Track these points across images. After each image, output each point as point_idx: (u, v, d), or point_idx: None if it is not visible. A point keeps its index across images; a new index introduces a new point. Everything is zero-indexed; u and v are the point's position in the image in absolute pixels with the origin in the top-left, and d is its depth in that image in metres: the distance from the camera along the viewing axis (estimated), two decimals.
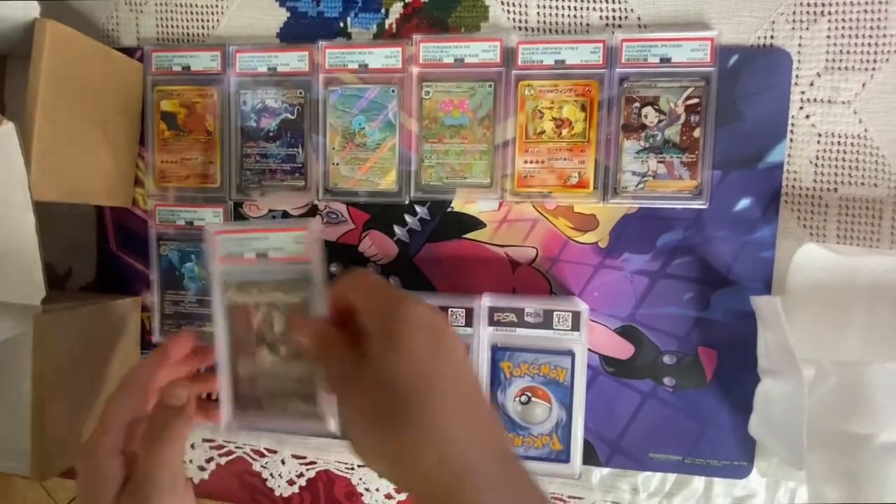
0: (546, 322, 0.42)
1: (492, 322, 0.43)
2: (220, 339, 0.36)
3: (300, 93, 0.49)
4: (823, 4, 0.43)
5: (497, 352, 0.43)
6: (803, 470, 0.40)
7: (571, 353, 0.42)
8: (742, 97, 0.44)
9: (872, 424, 0.38)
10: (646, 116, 0.44)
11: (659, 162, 0.45)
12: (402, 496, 0.52)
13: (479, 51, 0.45)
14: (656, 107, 0.44)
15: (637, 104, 0.44)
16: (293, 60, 0.48)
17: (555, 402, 0.43)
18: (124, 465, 0.34)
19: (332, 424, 0.34)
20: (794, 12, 0.43)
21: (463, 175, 0.47)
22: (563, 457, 0.43)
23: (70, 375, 0.44)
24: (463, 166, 0.47)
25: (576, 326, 0.42)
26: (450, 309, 0.43)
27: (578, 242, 0.47)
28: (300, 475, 0.53)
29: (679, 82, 0.44)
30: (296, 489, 0.53)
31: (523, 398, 0.43)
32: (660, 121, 0.44)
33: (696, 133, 0.44)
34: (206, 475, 0.54)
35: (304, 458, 0.52)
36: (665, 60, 0.44)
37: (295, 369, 0.35)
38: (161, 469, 0.33)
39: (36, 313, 0.41)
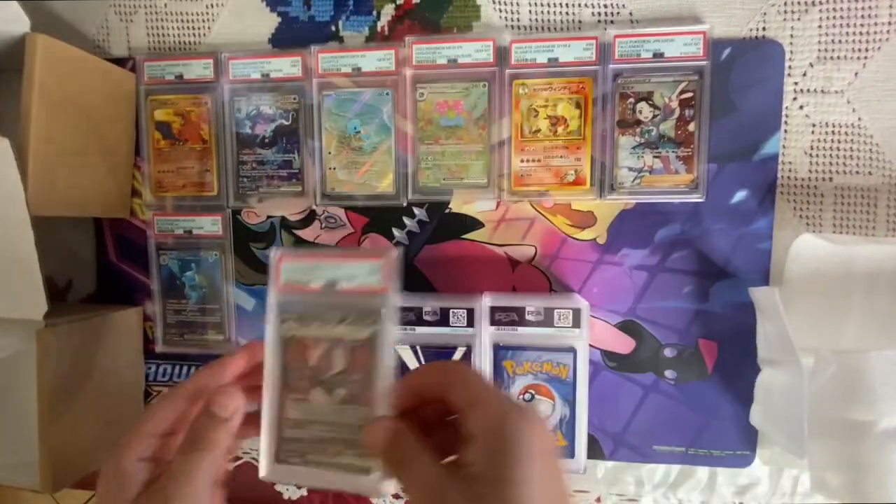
0: (547, 320, 0.42)
1: (493, 322, 0.42)
2: (270, 374, 0.32)
3: (294, 98, 0.48)
4: None
5: (500, 351, 0.43)
6: (805, 458, 0.39)
7: (573, 350, 0.42)
8: (736, 90, 0.43)
9: (872, 411, 0.38)
10: (640, 112, 0.44)
11: (655, 157, 0.44)
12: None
13: (472, 51, 0.45)
14: (651, 102, 0.44)
15: (631, 100, 0.44)
16: (286, 66, 0.47)
17: (558, 398, 0.42)
18: (150, 471, 0.31)
19: (385, 485, 0.30)
20: (785, 3, 0.42)
21: (460, 176, 0.46)
22: (568, 452, 0.42)
23: (75, 387, 0.44)
24: (460, 167, 0.46)
25: (576, 323, 0.42)
26: (451, 310, 0.42)
27: (577, 239, 0.46)
28: None
29: (672, 77, 0.43)
30: (304, 492, 0.53)
31: (527, 396, 0.42)
32: (654, 116, 0.44)
33: (691, 127, 0.43)
34: None
35: None
36: (658, 55, 0.43)
37: (350, 415, 0.31)
38: (188, 476, 0.30)
39: (38, 328, 0.40)
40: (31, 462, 0.42)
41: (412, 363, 0.43)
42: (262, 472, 0.32)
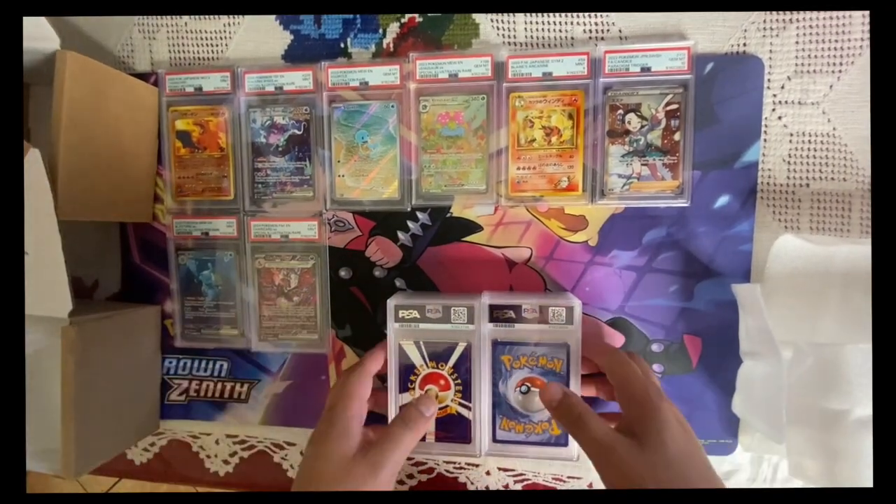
0: (542, 317, 0.42)
1: (492, 319, 0.43)
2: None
3: (306, 110, 0.48)
4: (792, 12, 0.43)
5: (498, 346, 0.43)
6: (783, 444, 0.40)
7: (566, 346, 0.42)
8: (718, 102, 0.44)
9: (847, 401, 0.39)
10: (629, 122, 0.45)
11: (643, 164, 0.45)
12: (413, 481, 0.52)
13: (471, 66, 0.45)
14: (638, 113, 0.44)
15: (621, 111, 0.44)
16: (298, 80, 0.48)
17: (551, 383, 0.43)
18: (361, 431, 0.40)
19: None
20: (764, 21, 0.43)
21: (460, 183, 0.47)
22: (562, 440, 0.43)
23: (96, 380, 0.45)
24: (460, 174, 0.47)
25: (570, 320, 0.42)
26: (452, 307, 0.43)
27: (570, 242, 0.47)
28: None
29: (659, 89, 0.44)
30: None
31: (523, 388, 0.43)
32: (642, 126, 0.44)
33: (677, 136, 0.44)
34: (230, 468, 0.54)
35: None
36: (645, 69, 0.44)
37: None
38: (401, 447, 0.39)
39: (64, 325, 0.41)
40: (54, 450, 0.43)
41: (416, 358, 0.43)
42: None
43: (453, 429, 0.43)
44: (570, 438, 0.43)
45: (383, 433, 0.39)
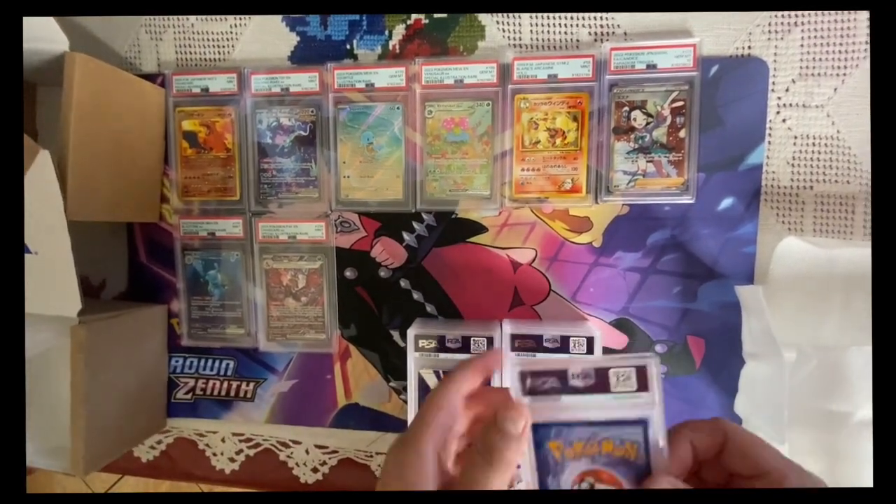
0: (600, 383, 0.27)
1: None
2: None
3: (312, 111, 0.49)
4: (797, 15, 0.43)
5: (540, 430, 0.28)
6: (784, 444, 0.40)
7: (643, 422, 0.27)
8: (723, 104, 0.44)
9: (849, 403, 0.39)
10: (635, 119, 0.45)
11: (648, 161, 0.45)
12: None
13: (477, 72, 0.46)
14: (644, 110, 0.44)
15: (626, 108, 0.45)
16: (304, 81, 0.48)
17: (627, 485, 0.29)
18: (439, 462, 0.29)
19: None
20: (769, 24, 0.43)
21: (465, 188, 0.47)
22: None
23: (104, 379, 0.45)
24: (464, 179, 0.47)
25: (643, 385, 0.27)
26: (472, 338, 0.42)
27: (574, 243, 0.47)
28: (323, 463, 0.53)
29: (664, 87, 0.44)
30: (319, 476, 0.54)
31: (584, 485, 0.29)
32: (647, 123, 0.45)
33: (682, 133, 0.44)
34: (236, 466, 0.55)
35: (327, 447, 0.53)
36: (651, 67, 0.44)
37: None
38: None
39: (73, 325, 0.42)
40: (64, 447, 0.43)
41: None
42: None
43: None
44: None
45: (461, 474, 0.28)
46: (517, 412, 0.28)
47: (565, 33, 0.46)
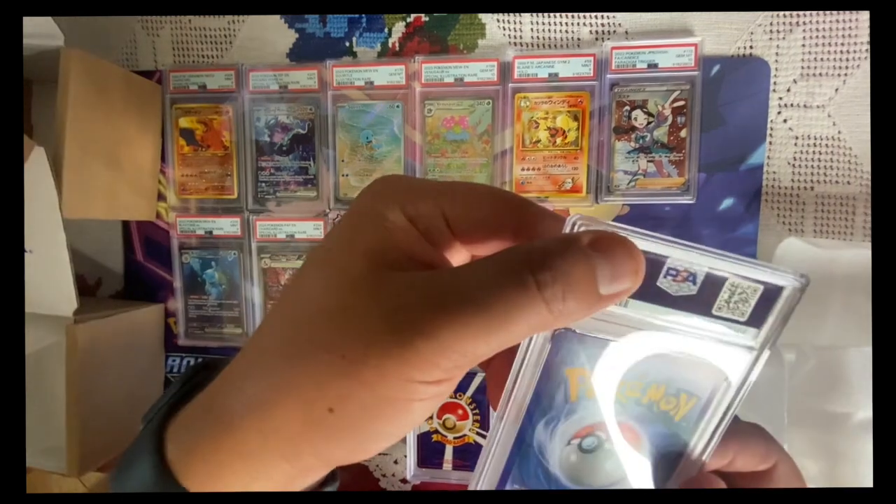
0: (702, 296, 0.17)
1: None
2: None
3: (310, 109, 0.48)
4: (798, 15, 0.43)
5: (563, 348, 0.18)
6: (785, 445, 0.40)
7: (724, 378, 0.19)
8: (724, 104, 0.44)
9: (849, 404, 0.39)
10: (635, 119, 0.45)
11: (649, 161, 0.45)
12: (417, 481, 0.52)
13: (477, 70, 0.45)
14: (645, 110, 0.44)
15: (627, 108, 0.45)
16: (303, 78, 0.48)
17: (649, 446, 0.20)
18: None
19: None
20: (771, 23, 0.43)
21: None
22: None
23: (100, 378, 0.45)
24: (464, 179, 0.47)
25: (759, 318, 0.18)
26: None
27: None
28: None
29: (666, 86, 0.44)
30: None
31: (588, 442, 0.20)
32: (648, 123, 0.44)
33: (683, 133, 0.44)
34: None
35: None
36: (652, 66, 0.44)
37: None
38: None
39: (68, 324, 0.41)
40: (59, 447, 0.43)
41: None
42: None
43: (471, 458, 0.42)
44: None
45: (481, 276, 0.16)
46: (623, 251, 0.16)
47: (566, 32, 0.46)
